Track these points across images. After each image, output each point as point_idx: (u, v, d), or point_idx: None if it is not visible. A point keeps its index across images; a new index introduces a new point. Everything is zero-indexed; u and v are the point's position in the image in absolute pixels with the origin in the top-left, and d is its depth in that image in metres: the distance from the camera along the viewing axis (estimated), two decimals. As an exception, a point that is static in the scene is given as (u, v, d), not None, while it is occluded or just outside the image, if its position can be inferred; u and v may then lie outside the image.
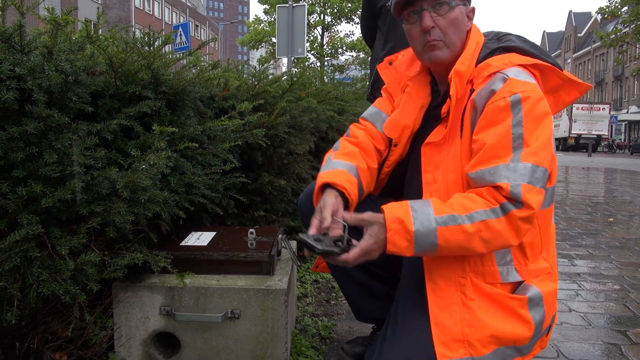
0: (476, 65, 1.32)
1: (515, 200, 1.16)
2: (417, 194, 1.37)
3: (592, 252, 3.62)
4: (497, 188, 1.18)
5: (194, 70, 2.14)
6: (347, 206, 1.35)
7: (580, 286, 2.79)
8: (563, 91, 1.38)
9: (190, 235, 1.87)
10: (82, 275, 1.36)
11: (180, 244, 1.76)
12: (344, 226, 1.23)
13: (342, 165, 1.44)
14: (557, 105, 1.39)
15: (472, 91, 1.29)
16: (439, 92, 1.45)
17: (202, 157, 1.91)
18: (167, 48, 2.02)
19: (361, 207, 1.37)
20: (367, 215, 1.23)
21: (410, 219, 1.19)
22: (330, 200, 1.31)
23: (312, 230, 1.26)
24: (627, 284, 2.84)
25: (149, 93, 1.72)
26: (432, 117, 1.45)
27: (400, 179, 1.57)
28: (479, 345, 1.23)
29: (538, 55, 1.34)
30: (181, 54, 2.11)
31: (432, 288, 1.30)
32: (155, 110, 1.75)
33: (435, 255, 1.26)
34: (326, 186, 1.37)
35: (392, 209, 1.22)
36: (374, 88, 2.98)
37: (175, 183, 1.70)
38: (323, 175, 1.40)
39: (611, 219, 5.07)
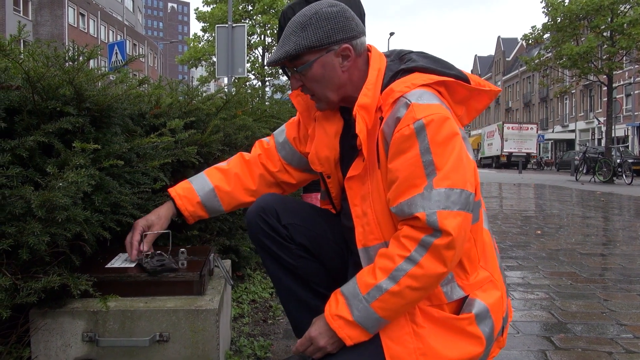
0: (382, 92, 1.31)
1: (434, 230, 1.17)
2: (352, 227, 1.39)
3: (522, 263, 3.79)
4: (415, 219, 1.19)
5: (125, 87, 2.07)
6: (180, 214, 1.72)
7: (510, 296, 2.90)
8: (473, 100, 1.38)
9: (117, 257, 1.79)
10: (-9, 302, 1.26)
11: (106, 266, 1.68)
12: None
13: (199, 182, 1.72)
14: (470, 113, 1.40)
15: (382, 119, 1.28)
16: (350, 114, 1.38)
17: (130, 175, 1.84)
18: (102, 64, 1.97)
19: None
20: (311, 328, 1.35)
21: (347, 309, 1.24)
22: (154, 217, 1.69)
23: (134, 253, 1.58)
24: (552, 292, 2.98)
25: (71, 109, 1.65)
26: (350, 146, 1.43)
27: None
28: None
29: (441, 71, 1.32)
30: (109, 71, 2.05)
31: None
32: (78, 127, 1.68)
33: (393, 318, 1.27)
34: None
35: (329, 308, 1.29)
36: None
37: (100, 202, 1.62)
38: (175, 187, 1.72)
39: (539, 232, 5.34)
